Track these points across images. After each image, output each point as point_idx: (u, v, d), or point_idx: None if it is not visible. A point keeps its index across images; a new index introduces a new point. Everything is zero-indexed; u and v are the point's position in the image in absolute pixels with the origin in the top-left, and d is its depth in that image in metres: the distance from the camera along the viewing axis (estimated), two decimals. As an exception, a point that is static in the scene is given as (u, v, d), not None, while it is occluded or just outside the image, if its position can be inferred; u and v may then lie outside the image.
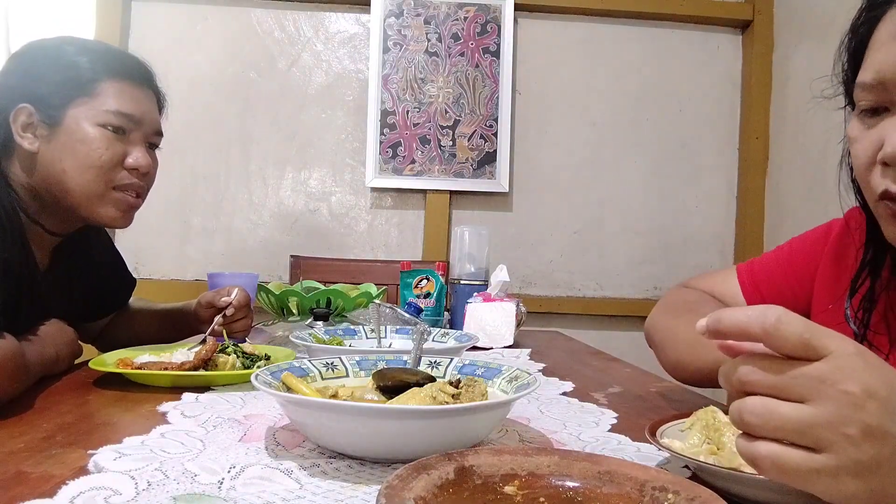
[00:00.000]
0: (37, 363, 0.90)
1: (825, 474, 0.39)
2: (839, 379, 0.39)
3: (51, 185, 1.02)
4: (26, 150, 1.00)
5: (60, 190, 1.02)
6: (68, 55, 1.03)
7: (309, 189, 2.50)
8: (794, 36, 2.39)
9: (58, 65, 1.02)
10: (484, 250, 1.72)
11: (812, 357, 0.40)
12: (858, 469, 0.39)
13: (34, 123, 1.00)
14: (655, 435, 0.60)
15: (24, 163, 1.01)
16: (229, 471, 0.56)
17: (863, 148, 0.63)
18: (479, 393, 0.67)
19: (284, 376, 0.70)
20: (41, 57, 1.03)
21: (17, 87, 1.01)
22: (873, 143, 0.61)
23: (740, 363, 0.43)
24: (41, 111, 1.00)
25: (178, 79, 2.42)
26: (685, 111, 2.58)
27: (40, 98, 1.00)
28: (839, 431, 0.39)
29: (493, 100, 2.48)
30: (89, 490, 0.50)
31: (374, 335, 1.18)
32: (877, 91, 0.61)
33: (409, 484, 0.43)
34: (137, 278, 1.39)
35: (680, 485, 0.44)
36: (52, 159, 1.00)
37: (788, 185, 2.36)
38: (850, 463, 0.39)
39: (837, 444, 0.39)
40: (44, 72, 1.02)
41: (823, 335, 0.40)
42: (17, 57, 1.05)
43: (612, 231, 2.56)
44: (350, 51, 2.52)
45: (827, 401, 0.39)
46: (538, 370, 1.17)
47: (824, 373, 0.40)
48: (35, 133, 1.00)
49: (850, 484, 0.39)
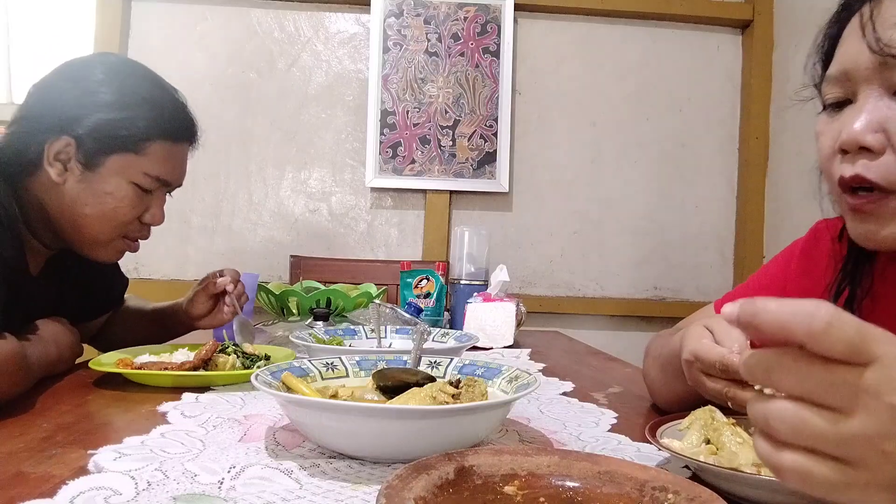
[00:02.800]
0: (38, 363, 0.89)
1: (854, 487, 0.36)
2: (887, 391, 0.35)
3: (64, 220, 1.00)
4: (51, 179, 0.97)
5: (72, 227, 1.01)
6: (129, 103, 1.00)
7: (309, 189, 2.50)
8: (794, 36, 2.39)
9: (114, 110, 0.99)
10: (484, 250, 1.72)
11: (856, 361, 0.35)
12: (891, 483, 0.36)
13: (70, 159, 0.98)
14: (655, 435, 0.60)
15: (44, 188, 0.99)
16: (229, 471, 0.56)
17: (824, 142, 0.63)
18: (479, 393, 0.67)
19: (284, 376, 0.70)
20: (101, 92, 0.99)
21: (66, 113, 0.97)
22: (834, 134, 0.61)
23: (770, 359, 0.37)
24: (81, 151, 0.97)
25: (178, 79, 2.39)
26: (685, 111, 2.58)
27: (85, 137, 0.97)
28: (878, 447, 0.35)
29: (493, 100, 2.48)
30: (89, 490, 0.50)
31: (374, 335, 1.18)
32: (841, 83, 0.62)
33: (409, 484, 0.43)
34: (137, 278, 1.39)
35: (680, 485, 0.44)
36: (75, 199, 0.99)
37: (788, 185, 2.36)
38: (883, 478, 0.36)
39: (874, 460, 0.36)
40: (99, 111, 0.98)
41: (874, 339, 0.36)
42: (77, 78, 1.00)
43: (612, 231, 2.56)
44: (350, 51, 2.52)
45: (870, 414, 0.35)
46: (538, 370, 1.17)
47: (871, 383, 0.35)
48: (66, 166, 0.98)
49: (879, 495, 0.37)
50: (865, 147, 0.58)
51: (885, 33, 0.57)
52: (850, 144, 0.59)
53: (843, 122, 0.61)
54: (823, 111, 0.65)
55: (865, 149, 0.59)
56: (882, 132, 0.58)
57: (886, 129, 0.58)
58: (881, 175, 0.59)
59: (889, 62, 0.57)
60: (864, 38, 0.58)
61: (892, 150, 0.58)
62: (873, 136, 0.58)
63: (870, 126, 0.58)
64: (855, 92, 0.61)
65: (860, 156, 0.59)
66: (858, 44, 0.59)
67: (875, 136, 0.58)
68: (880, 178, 0.59)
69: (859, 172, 0.59)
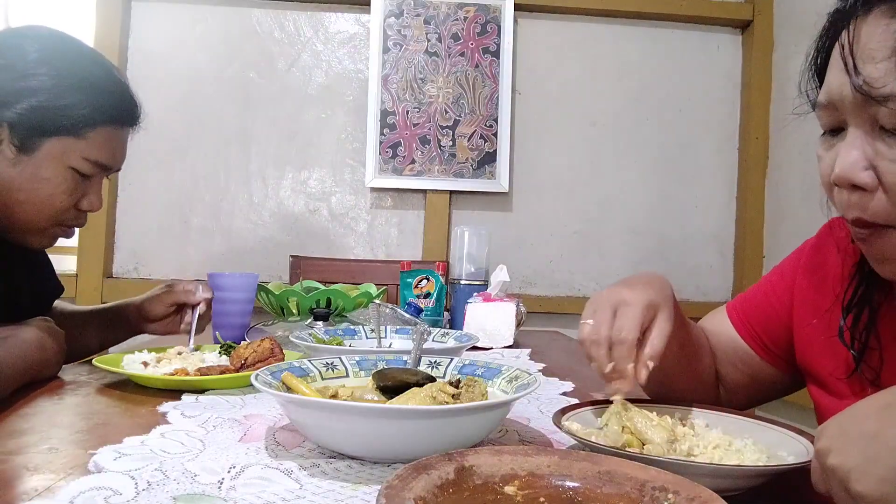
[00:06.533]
0: (14, 367, 0.83)
1: None
2: None
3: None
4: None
5: (4, 214, 0.94)
6: (70, 86, 0.93)
7: (309, 189, 2.50)
8: (794, 36, 2.39)
9: (55, 92, 0.92)
10: (484, 250, 1.72)
11: None
12: None
13: (1, 141, 0.91)
14: (561, 420, 0.64)
15: None
16: (229, 471, 0.56)
17: (824, 168, 0.64)
18: (479, 393, 0.67)
19: (284, 376, 0.70)
20: (39, 74, 0.92)
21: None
22: (831, 164, 0.61)
23: None
24: (16, 134, 0.91)
25: (178, 79, 2.42)
26: (685, 111, 2.58)
27: (20, 120, 0.91)
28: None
29: (493, 100, 2.48)
30: (89, 490, 0.50)
31: (374, 335, 1.18)
32: (830, 111, 0.61)
33: (409, 484, 0.43)
34: (137, 278, 1.38)
35: (680, 485, 0.44)
36: (7, 185, 0.92)
37: (788, 185, 2.36)
38: None
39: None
40: (36, 94, 0.91)
41: None
42: (8, 56, 0.92)
43: (612, 231, 2.56)
44: (350, 51, 2.52)
45: None
46: (538, 370, 1.17)
47: None
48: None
49: None
50: (857, 185, 0.59)
51: (864, 68, 0.56)
52: (842, 182, 0.60)
53: (836, 152, 0.61)
54: (824, 135, 0.65)
55: (858, 186, 0.59)
56: (872, 168, 0.58)
57: (876, 167, 0.58)
58: (877, 215, 0.59)
59: (870, 100, 0.56)
60: (847, 72, 0.58)
61: (883, 189, 0.58)
62: (864, 174, 0.58)
63: (859, 164, 0.58)
64: (846, 120, 0.60)
65: (854, 193, 0.60)
66: (842, 75, 0.58)
67: (865, 173, 0.58)
68: (877, 218, 0.59)
69: (858, 216, 0.60)
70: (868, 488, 0.43)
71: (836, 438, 0.46)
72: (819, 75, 0.65)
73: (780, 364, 0.85)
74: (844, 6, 0.61)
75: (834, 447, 0.46)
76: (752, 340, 0.86)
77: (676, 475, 0.46)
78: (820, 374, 0.77)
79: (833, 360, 0.75)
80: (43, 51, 0.94)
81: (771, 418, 0.69)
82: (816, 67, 0.66)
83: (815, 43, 0.66)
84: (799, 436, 0.63)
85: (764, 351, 0.85)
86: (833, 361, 0.75)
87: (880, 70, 0.55)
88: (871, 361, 0.71)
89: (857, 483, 0.43)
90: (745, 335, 0.87)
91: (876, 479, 0.43)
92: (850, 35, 0.58)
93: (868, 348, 0.71)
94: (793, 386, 0.87)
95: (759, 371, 0.86)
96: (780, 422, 0.67)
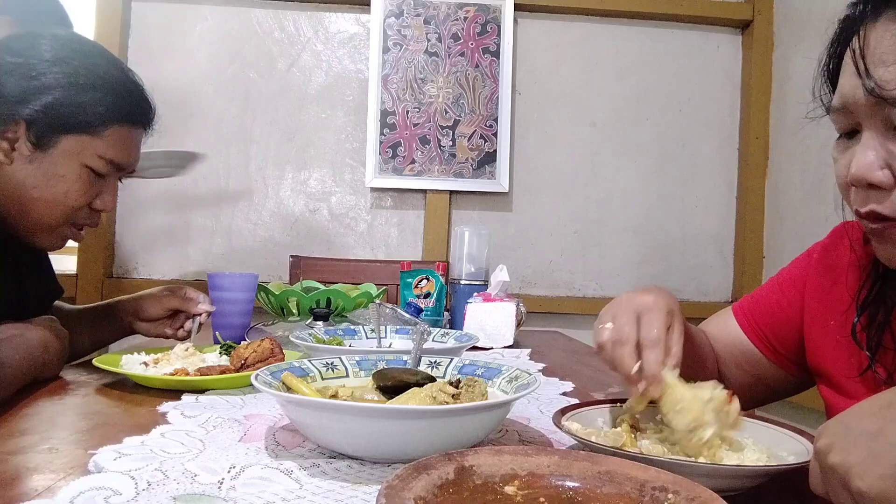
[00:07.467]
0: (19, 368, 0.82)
1: None
2: None
3: (8, 204, 0.94)
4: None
5: (18, 212, 0.95)
6: (86, 84, 0.94)
7: (309, 189, 2.50)
8: (794, 36, 2.39)
9: (72, 90, 0.93)
10: (484, 250, 1.72)
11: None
12: None
13: (18, 139, 0.92)
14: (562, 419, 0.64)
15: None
16: (229, 471, 0.56)
17: (839, 169, 0.65)
18: (479, 393, 0.67)
19: (284, 376, 0.70)
20: (56, 70, 0.93)
21: (16, 91, 0.91)
22: (847, 164, 0.63)
23: None
24: (32, 131, 0.91)
25: (178, 79, 2.42)
26: (685, 111, 2.58)
27: (37, 116, 0.91)
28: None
29: (493, 100, 2.48)
30: (89, 490, 0.50)
31: (374, 335, 1.18)
32: (844, 114, 0.63)
33: (409, 484, 0.43)
34: (137, 278, 1.38)
35: (680, 485, 0.44)
36: (22, 182, 0.93)
37: (788, 185, 2.36)
38: None
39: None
40: (53, 90, 0.92)
41: None
42: (29, 48, 0.92)
43: (612, 231, 2.56)
44: (350, 51, 2.52)
45: None
46: (538, 370, 1.17)
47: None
48: (13, 146, 0.92)
49: None
50: (874, 184, 0.60)
51: (876, 71, 0.58)
52: (858, 182, 0.61)
53: (852, 154, 0.62)
54: (839, 138, 0.66)
55: (875, 185, 0.60)
56: (888, 167, 0.59)
57: (891, 166, 0.59)
58: (893, 210, 0.60)
59: (883, 102, 0.57)
60: (858, 76, 0.59)
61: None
62: (880, 173, 0.60)
63: (875, 164, 0.60)
64: (860, 123, 0.61)
65: (871, 191, 0.61)
66: (854, 79, 0.60)
67: (881, 172, 0.60)
68: (893, 213, 0.61)
69: (873, 208, 0.61)
70: (869, 485, 0.43)
71: (837, 436, 0.46)
72: (832, 81, 0.67)
73: (786, 365, 0.85)
74: (854, 13, 0.62)
75: (835, 445, 0.46)
76: (759, 341, 0.86)
77: (676, 475, 0.46)
78: (832, 375, 0.77)
79: (846, 360, 0.75)
80: (59, 50, 0.95)
81: (771, 418, 0.69)
82: (829, 73, 0.68)
83: (827, 49, 0.67)
84: (799, 436, 0.63)
85: (771, 352, 0.85)
86: (846, 361, 0.75)
87: (891, 73, 0.57)
88: (884, 361, 0.71)
89: (858, 480, 0.43)
90: (753, 336, 0.87)
91: (877, 476, 0.43)
92: (861, 40, 0.60)
93: (882, 347, 0.71)
94: (797, 387, 0.88)
95: (764, 372, 0.87)
96: (780, 422, 0.67)
